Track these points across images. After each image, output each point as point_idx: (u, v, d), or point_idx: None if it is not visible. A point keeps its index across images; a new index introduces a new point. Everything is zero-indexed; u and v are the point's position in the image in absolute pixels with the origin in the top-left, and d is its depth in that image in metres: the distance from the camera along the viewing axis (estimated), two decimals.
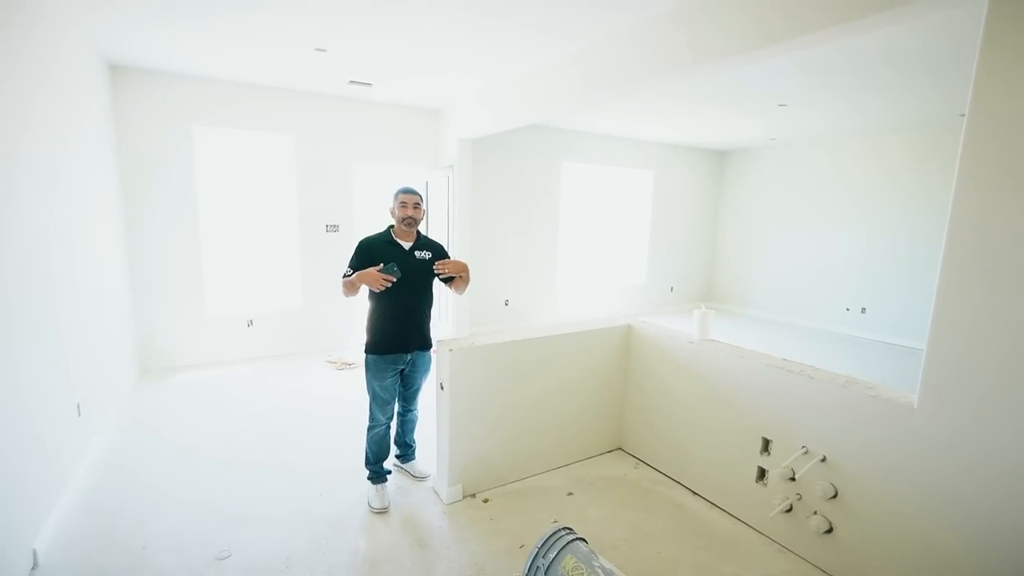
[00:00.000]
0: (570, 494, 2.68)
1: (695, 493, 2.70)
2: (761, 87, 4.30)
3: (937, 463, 1.76)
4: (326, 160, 5.03)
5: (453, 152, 5.17)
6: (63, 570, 2.04)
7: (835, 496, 2.07)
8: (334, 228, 5.16)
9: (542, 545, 1.83)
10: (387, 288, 2.36)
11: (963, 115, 5.14)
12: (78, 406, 2.72)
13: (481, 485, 2.67)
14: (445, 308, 5.43)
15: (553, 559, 1.78)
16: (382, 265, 2.33)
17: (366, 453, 2.62)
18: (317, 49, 3.53)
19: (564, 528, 1.89)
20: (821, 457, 2.11)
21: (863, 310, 6.58)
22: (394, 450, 2.88)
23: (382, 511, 2.48)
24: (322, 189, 5.05)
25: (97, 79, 3.64)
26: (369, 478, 2.61)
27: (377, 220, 6.49)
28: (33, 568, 2.03)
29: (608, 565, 1.75)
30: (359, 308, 5.38)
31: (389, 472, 2.68)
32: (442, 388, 2.52)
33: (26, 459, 2.09)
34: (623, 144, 7.08)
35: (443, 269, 2.45)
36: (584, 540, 1.89)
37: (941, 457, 1.75)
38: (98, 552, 2.15)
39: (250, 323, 4.89)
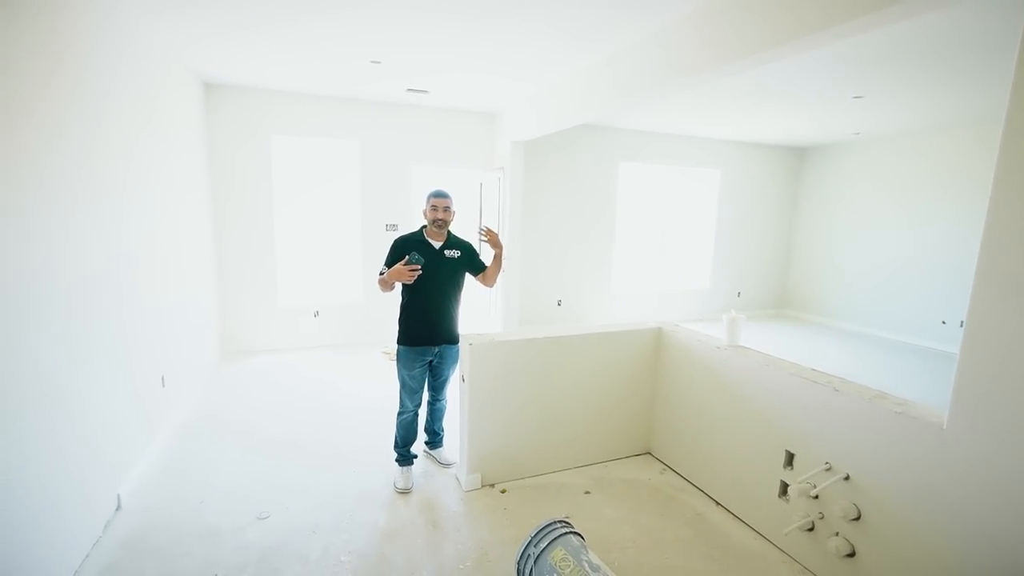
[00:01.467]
0: (587, 493, 2.71)
1: (718, 503, 2.62)
2: (832, 78, 3.99)
3: (967, 486, 1.60)
4: (387, 163, 5.37)
5: (506, 154, 5.31)
6: (140, 514, 2.41)
7: (858, 518, 1.93)
8: (393, 227, 5.49)
9: (535, 534, 1.90)
10: (417, 283, 2.52)
11: None
12: (162, 378, 3.17)
13: (500, 476, 2.76)
14: (494, 304, 5.59)
15: (544, 549, 1.84)
16: (406, 259, 2.49)
17: (395, 436, 2.82)
18: (372, 61, 3.80)
19: (560, 521, 1.94)
20: (844, 475, 1.98)
21: (962, 324, 5.84)
22: (423, 436, 3.06)
23: (405, 491, 2.66)
24: (382, 191, 5.40)
25: (195, 98, 4.18)
26: (396, 460, 2.80)
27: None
28: (118, 509, 2.42)
29: (597, 561, 1.78)
30: None
31: (415, 456, 2.86)
32: (463, 380, 2.65)
33: (119, 417, 2.50)
34: (687, 142, 6.84)
35: (485, 235, 2.65)
36: (580, 535, 1.92)
37: (971, 480, 1.59)
38: (167, 502, 2.51)
39: (316, 314, 5.35)
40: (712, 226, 7.34)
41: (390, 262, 2.64)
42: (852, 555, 1.96)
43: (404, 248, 2.63)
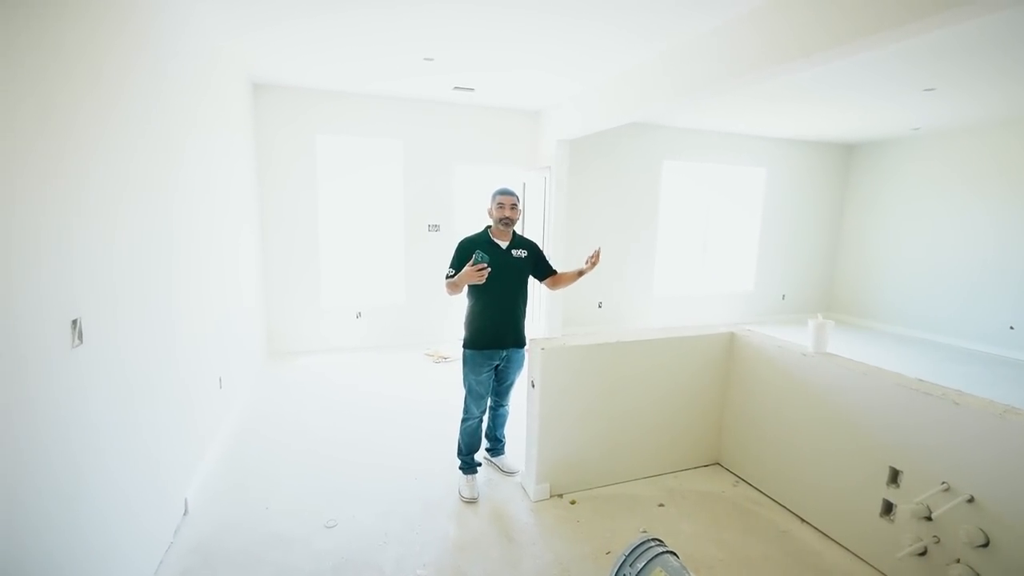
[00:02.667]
0: (661, 505, 2.57)
1: (802, 520, 2.46)
2: (904, 70, 3.78)
3: None
4: (430, 162, 5.31)
5: (551, 152, 5.20)
6: (206, 519, 2.37)
7: (986, 544, 1.76)
8: (435, 228, 5.44)
9: (630, 553, 1.78)
10: (484, 285, 2.42)
11: None
12: (220, 379, 3.14)
13: (568, 486, 2.65)
14: (538, 307, 5.48)
15: (641, 569, 1.72)
16: (472, 260, 2.38)
17: (459, 443, 2.73)
18: (425, 59, 3.74)
19: (654, 539, 1.82)
20: (967, 497, 1.81)
21: None
22: (484, 443, 2.96)
23: (471, 501, 2.57)
24: (425, 190, 5.34)
25: (244, 98, 4.19)
26: (460, 467, 2.71)
27: (475, 221, 6.71)
28: (185, 514, 2.38)
29: None
30: (456, 304, 5.62)
31: (479, 464, 2.77)
32: (533, 386, 2.55)
33: (181, 421, 2.46)
34: (732, 140, 6.63)
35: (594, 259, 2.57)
36: (675, 554, 1.80)
37: None
38: (233, 506, 2.47)
39: (359, 315, 5.32)
40: (757, 227, 7.10)
41: (456, 264, 2.54)
42: None
43: (471, 249, 2.53)
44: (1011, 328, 5.70)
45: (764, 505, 2.59)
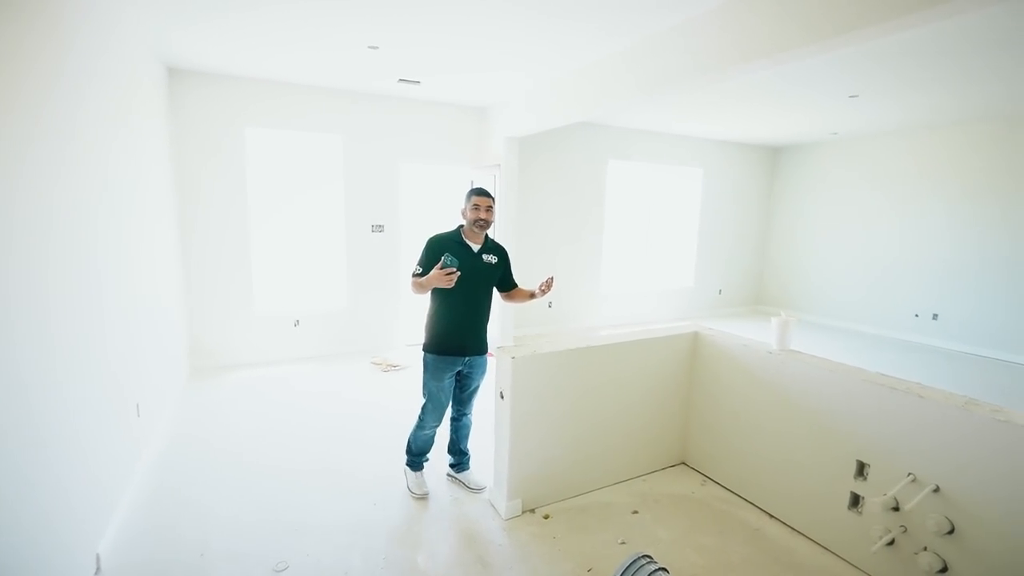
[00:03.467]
0: (635, 512, 2.51)
1: (772, 516, 2.49)
2: (832, 77, 4.00)
3: None
4: (373, 159, 5.00)
5: (500, 150, 5.05)
6: (125, 572, 2.01)
7: (951, 532, 1.83)
8: (379, 228, 5.13)
9: (622, 574, 1.68)
10: (451, 288, 2.30)
11: None
12: (137, 406, 2.73)
13: (540, 500, 2.53)
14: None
15: None
16: (441, 263, 2.26)
17: (409, 445, 2.67)
18: (370, 47, 3.47)
19: (644, 556, 1.73)
20: (933, 487, 1.87)
21: (935, 316, 6.11)
22: (448, 459, 2.81)
23: (423, 496, 2.58)
24: (368, 189, 5.02)
25: (155, 84, 3.69)
26: (408, 464, 2.69)
27: (423, 221, 6.43)
28: (96, 572, 2.00)
29: None
30: (403, 309, 5.35)
31: (428, 460, 2.73)
32: (502, 397, 2.39)
33: (91, 460, 2.08)
34: (672, 141, 6.82)
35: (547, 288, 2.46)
36: (666, 570, 1.72)
37: None
38: (159, 554, 2.12)
39: (297, 323, 4.91)
40: (695, 225, 7.36)
41: (424, 263, 2.41)
42: (944, 570, 1.85)
43: (440, 248, 2.40)
44: (916, 316, 6.28)
45: (734, 504, 2.61)
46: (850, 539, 2.15)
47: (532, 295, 2.57)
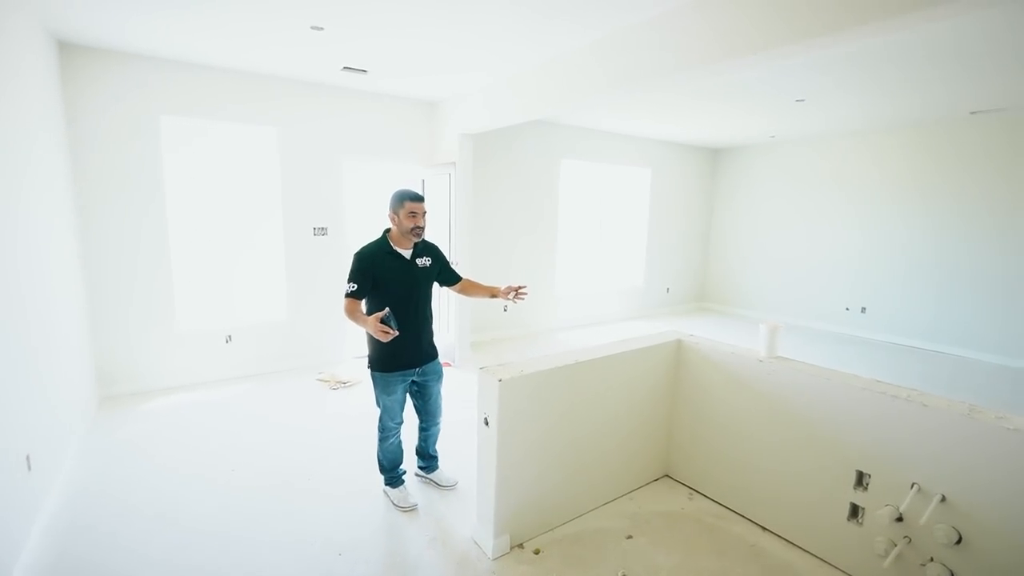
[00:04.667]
0: (629, 537, 2.35)
1: (765, 529, 2.41)
2: (782, 81, 4.06)
3: None
4: (313, 156, 4.53)
5: (454, 148, 4.76)
6: None
7: (959, 542, 1.80)
8: (322, 231, 4.67)
9: None
10: (391, 301, 2.21)
11: (974, 113, 5.14)
12: (28, 458, 2.20)
13: (528, 532, 2.30)
14: (446, 314, 5.02)
15: None
16: (383, 315, 2.07)
17: (380, 463, 2.55)
18: (313, 27, 3.06)
19: None
20: (939, 497, 1.84)
21: (863, 309, 6.52)
22: (417, 461, 2.78)
23: (411, 508, 2.48)
24: (309, 188, 4.55)
25: (43, 60, 3.07)
26: (387, 483, 2.57)
27: (370, 223, 6.00)
28: None
29: None
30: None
31: (405, 471, 2.64)
32: (487, 424, 2.14)
33: None
34: (622, 141, 6.81)
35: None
36: None
37: None
38: None
39: (228, 339, 4.35)
40: (645, 224, 7.43)
41: (358, 278, 2.25)
42: None
43: (372, 262, 2.27)
44: (847, 309, 6.68)
45: (725, 518, 2.51)
46: (851, 551, 2.10)
47: (493, 294, 2.52)
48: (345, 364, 4.76)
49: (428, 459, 2.75)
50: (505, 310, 6.04)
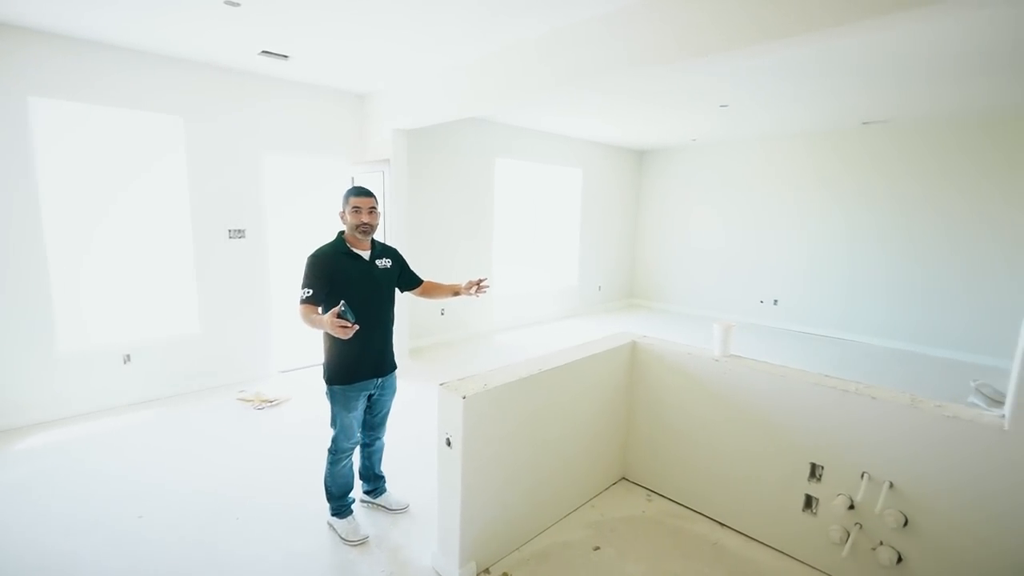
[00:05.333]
0: (597, 548, 2.28)
1: (724, 525, 2.46)
2: (710, 86, 4.22)
3: None
4: (227, 150, 4.05)
5: (387, 145, 4.48)
6: None
7: (906, 524, 1.91)
8: (239, 234, 4.19)
9: None
10: (353, 306, 1.97)
11: (866, 123, 5.71)
12: None
13: (494, 555, 2.16)
14: None
15: None
16: (339, 309, 1.85)
17: (328, 490, 2.33)
18: (227, 2, 2.69)
19: None
20: (887, 483, 1.94)
21: (775, 302, 7.05)
22: (361, 486, 2.56)
23: (362, 541, 2.26)
24: (222, 186, 4.06)
25: None
26: (334, 514, 2.34)
27: (296, 224, 5.53)
28: None
29: None
30: (276, 328, 4.48)
31: (354, 500, 2.43)
32: (449, 445, 1.97)
33: None
34: (555, 141, 6.83)
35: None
36: None
37: None
38: None
39: (127, 358, 3.77)
40: (577, 224, 7.52)
41: (313, 283, 2.06)
42: (899, 561, 1.94)
43: (328, 265, 2.09)
44: (761, 302, 7.19)
45: (685, 518, 2.53)
46: (807, 541, 2.18)
47: (456, 291, 2.43)
48: (271, 380, 4.33)
49: (374, 480, 2.54)
50: (442, 313, 5.83)
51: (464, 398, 1.89)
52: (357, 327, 1.84)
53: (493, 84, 3.47)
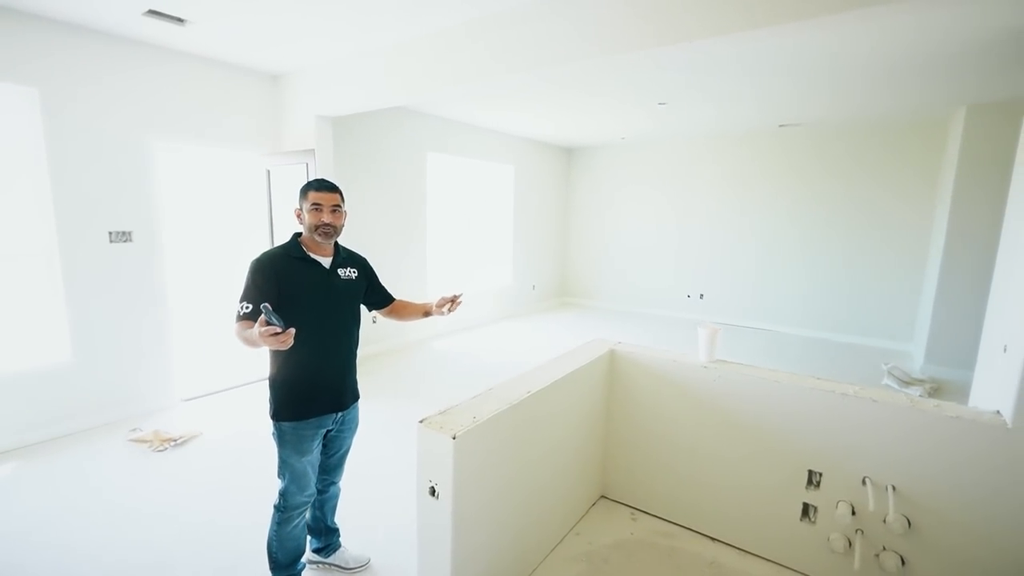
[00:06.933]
0: None
1: (715, 540, 2.34)
2: (649, 81, 4.16)
3: None
4: (105, 133, 3.28)
5: (309, 134, 3.92)
6: None
7: (908, 527, 1.88)
8: (124, 237, 3.43)
9: None
10: (308, 322, 1.62)
11: (782, 126, 6.06)
12: None
13: None
14: None
15: None
16: (262, 311, 1.43)
17: (273, 557, 1.85)
18: None
19: None
20: (890, 487, 1.90)
21: (701, 296, 7.33)
22: (310, 543, 2.10)
23: None
24: (98, 177, 3.28)
25: None
26: None
27: (202, 224, 4.73)
28: None
29: None
30: (179, 347, 3.76)
31: (304, 566, 1.98)
32: (434, 495, 1.61)
33: None
34: (486, 136, 6.55)
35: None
36: None
37: None
38: None
39: None
40: (510, 222, 7.30)
41: (255, 296, 1.65)
42: (902, 565, 1.91)
43: (275, 272, 1.69)
44: (688, 296, 7.46)
45: (676, 536, 2.37)
46: (806, 550, 2.11)
47: (427, 312, 2.05)
48: (173, 412, 3.61)
49: (327, 535, 2.11)
50: (374, 321, 5.29)
51: (455, 438, 1.55)
52: (292, 330, 1.44)
53: (429, 68, 3.11)
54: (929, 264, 5.41)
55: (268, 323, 1.41)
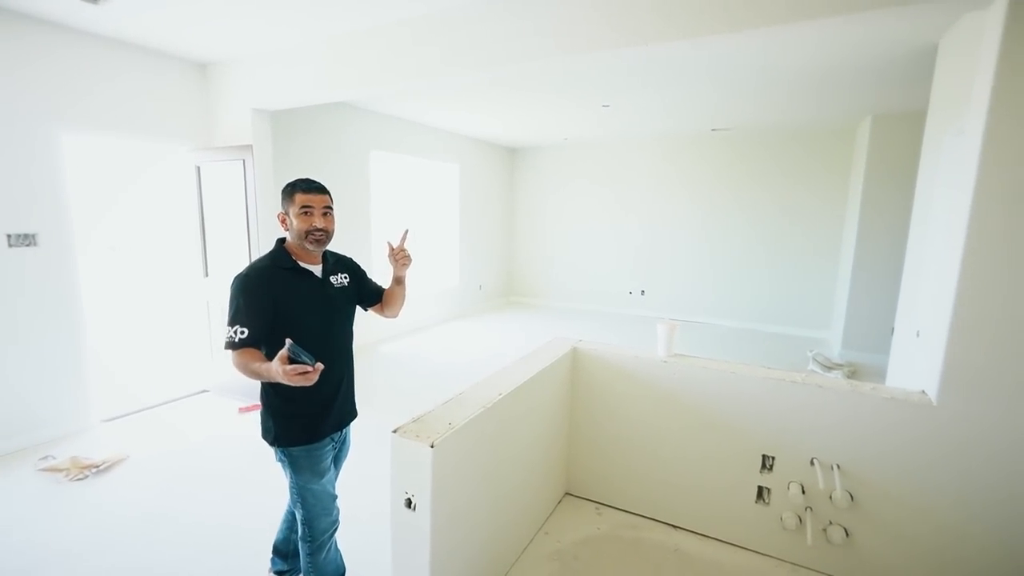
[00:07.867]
0: None
1: (677, 527, 2.42)
2: (592, 84, 4.26)
3: (960, 457, 1.85)
4: (0, 124, 2.89)
5: (245, 128, 3.66)
6: None
7: (852, 501, 2.04)
8: (28, 240, 3.03)
9: None
10: (308, 341, 1.45)
11: (714, 130, 6.42)
12: None
13: None
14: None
15: None
16: (286, 352, 1.31)
17: None
18: None
19: None
20: (834, 466, 2.05)
21: (643, 292, 7.62)
22: (273, 564, 1.97)
23: None
24: None
25: None
26: None
27: (124, 224, 4.32)
28: None
29: None
30: (92, 363, 3.38)
31: None
32: (411, 507, 1.55)
33: None
34: (431, 134, 6.43)
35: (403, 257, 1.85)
36: None
37: (964, 451, 1.84)
38: None
39: None
40: (456, 221, 7.23)
41: (247, 317, 1.49)
42: (846, 537, 2.07)
43: (267, 287, 1.53)
44: (630, 293, 7.73)
45: (640, 527, 2.44)
46: (760, 530, 2.23)
47: (399, 280, 1.94)
48: (91, 434, 3.24)
49: (293, 558, 1.95)
50: None
51: (433, 447, 1.50)
52: (321, 366, 1.33)
53: (385, 61, 3.00)
54: (843, 258, 5.93)
55: (293, 360, 1.28)
